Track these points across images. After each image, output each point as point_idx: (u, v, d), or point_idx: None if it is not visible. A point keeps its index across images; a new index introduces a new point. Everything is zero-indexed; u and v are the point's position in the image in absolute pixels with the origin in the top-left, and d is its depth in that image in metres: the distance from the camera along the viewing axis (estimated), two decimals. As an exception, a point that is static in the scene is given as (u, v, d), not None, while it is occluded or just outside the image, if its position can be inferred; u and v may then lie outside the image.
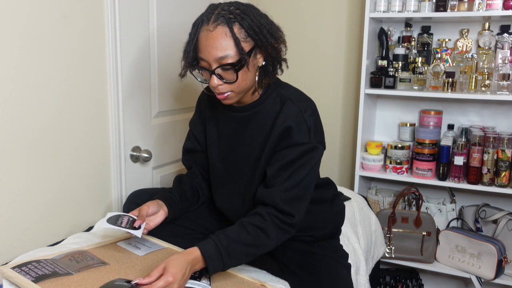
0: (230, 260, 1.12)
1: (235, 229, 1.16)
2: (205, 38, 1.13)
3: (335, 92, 2.49)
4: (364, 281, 1.59)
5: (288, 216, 1.19)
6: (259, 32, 1.15)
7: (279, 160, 1.21)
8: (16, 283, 1.09)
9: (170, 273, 1.03)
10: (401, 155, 2.21)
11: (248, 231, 1.15)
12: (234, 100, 1.23)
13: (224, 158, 1.36)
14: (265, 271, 1.36)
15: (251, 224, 1.16)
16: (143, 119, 1.78)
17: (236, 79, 1.16)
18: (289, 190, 1.19)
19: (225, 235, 1.14)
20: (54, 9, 1.39)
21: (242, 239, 1.14)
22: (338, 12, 2.42)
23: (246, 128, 1.30)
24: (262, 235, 1.16)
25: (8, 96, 1.29)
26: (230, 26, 1.12)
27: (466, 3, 2.03)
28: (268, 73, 1.23)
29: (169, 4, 1.82)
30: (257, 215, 1.18)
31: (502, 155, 1.99)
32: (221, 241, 1.12)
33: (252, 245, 1.15)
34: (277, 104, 1.26)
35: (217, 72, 1.15)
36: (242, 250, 1.14)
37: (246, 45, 1.14)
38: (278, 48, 1.20)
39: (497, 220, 2.12)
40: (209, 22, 1.13)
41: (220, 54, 1.12)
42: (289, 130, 1.21)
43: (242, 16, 1.13)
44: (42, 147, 1.41)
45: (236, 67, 1.14)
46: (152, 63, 1.79)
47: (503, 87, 1.99)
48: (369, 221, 1.93)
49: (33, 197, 1.40)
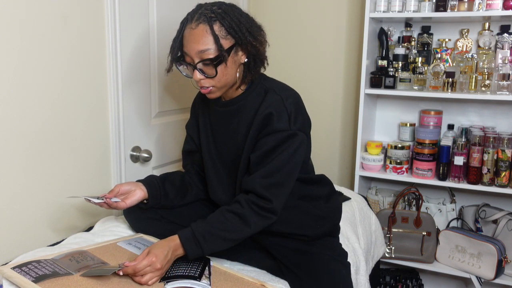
0: (207, 244, 1.19)
1: (214, 216, 1.23)
2: (188, 35, 1.23)
3: (335, 92, 2.48)
4: (364, 281, 1.59)
5: (265, 201, 1.23)
6: (238, 30, 1.22)
7: (261, 148, 1.27)
8: (16, 283, 1.09)
9: (153, 254, 1.13)
10: (401, 155, 2.21)
11: (226, 218, 1.22)
12: (217, 94, 1.30)
13: (218, 154, 1.41)
14: (265, 271, 1.36)
15: (229, 211, 1.23)
16: (143, 119, 1.78)
17: (216, 74, 1.23)
18: (268, 177, 1.24)
19: (203, 222, 1.21)
20: (54, 9, 1.39)
21: (219, 225, 1.21)
22: (338, 12, 2.42)
23: (232, 121, 1.36)
24: (239, 221, 1.22)
25: (8, 96, 1.29)
26: (210, 24, 1.20)
27: (466, 3, 2.03)
28: (251, 69, 1.30)
29: (169, 4, 1.82)
30: (236, 202, 1.25)
31: (502, 155, 1.99)
32: (198, 227, 1.20)
33: (229, 231, 1.21)
34: (260, 95, 1.32)
35: (198, 67, 1.24)
36: (219, 235, 1.20)
37: (226, 42, 1.22)
38: (256, 46, 1.27)
39: (497, 220, 2.12)
40: (193, 20, 1.22)
41: (200, 48, 1.21)
42: (269, 116, 1.26)
43: (222, 15, 1.22)
44: (42, 147, 1.41)
45: (215, 62, 1.22)
46: (152, 63, 1.79)
47: (503, 87, 1.99)
48: (369, 221, 1.93)
49: (33, 197, 1.40)
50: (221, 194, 1.42)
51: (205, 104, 1.46)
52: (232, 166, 1.38)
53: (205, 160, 1.44)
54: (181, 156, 1.58)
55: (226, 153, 1.39)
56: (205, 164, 1.45)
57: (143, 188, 1.38)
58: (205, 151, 1.44)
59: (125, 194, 1.36)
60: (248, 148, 1.30)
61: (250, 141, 1.30)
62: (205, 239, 1.19)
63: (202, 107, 1.47)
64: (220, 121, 1.39)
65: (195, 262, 1.23)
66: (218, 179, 1.42)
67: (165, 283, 1.13)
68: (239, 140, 1.34)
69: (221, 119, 1.39)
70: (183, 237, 1.19)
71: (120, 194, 1.36)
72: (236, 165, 1.35)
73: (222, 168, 1.41)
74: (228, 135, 1.37)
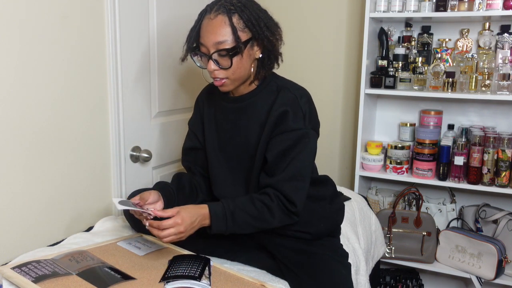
0: (233, 224, 1.22)
1: (245, 200, 1.25)
2: (206, 25, 1.24)
3: (335, 92, 2.48)
4: (364, 281, 1.59)
5: (292, 205, 1.26)
6: (257, 24, 1.24)
7: (277, 146, 1.28)
8: (16, 283, 1.09)
9: (181, 217, 1.14)
10: (401, 155, 2.21)
11: (255, 205, 1.24)
12: (229, 87, 1.30)
13: (223, 150, 1.40)
14: (265, 271, 1.36)
15: (259, 200, 1.25)
16: (143, 119, 1.78)
17: (231, 65, 1.23)
18: (293, 180, 1.26)
19: (234, 202, 1.24)
20: (54, 9, 1.39)
21: (248, 210, 1.23)
22: (338, 12, 2.42)
23: (243, 117, 1.36)
24: (267, 212, 1.24)
25: (8, 96, 1.29)
26: (229, 16, 1.21)
27: (466, 3, 2.02)
28: (265, 65, 1.31)
29: (169, 4, 1.82)
30: (266, 194, 1.26)
31: (502, 155, 1.99)
32: (229, 205, 1.22)
33: (256, 218, 1.24)
34: (273, 93, 1.33)
35: (214, 57, 1.24)
36: (246, 220, 1.23)
37: (243, 35, 1.23)
38: (273, 42, 1.28)
39: (497, 220, 2.12)
40: (212, 11, 1.23)
41: (217, 39, 1.21)
42: (285, 114, 1.27)
43: (242, 8, 1.23)
44: (42, 147, 1.41)
45: (231, 53, 1.22)
46: (152, 63, 1.79)
47: (503, 87, 1.99)
48: (369, 221, 1.93)
49: (33, 197, 1.40)
50: (226, 191, 1.42)
51: (210, 100, 1.46)
52: (239, 162, 1.38)
53: (210, 156, 1.44)
54: (181, 156, 1.57)
55: (233, 149, 1.38)
56: (209, 160, 1.45)
57: (162, 200, 1.32)
58: (210, 147, 1.43)
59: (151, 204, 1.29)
60: (263, 146, 1.31)
61: (266, 139, 1.30)
62: (233, 219, 1.21)
63: (207, 103, 1.46)
64: (228, 116, 1.39)
65: (195, 262, 1.23)
66: (223, 176, 1.42)
67: (165, 283, 1.13)
68: (250, 137, 1.34)
69: (228, 115, 1.39)
70: (213, 210, 1.20)
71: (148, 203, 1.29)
72: (250, 163, 1.35)
73: (227, 164, 1.40)
74: (236, 131, 1.37)
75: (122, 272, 1.18)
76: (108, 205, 1.70)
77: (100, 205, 1.67)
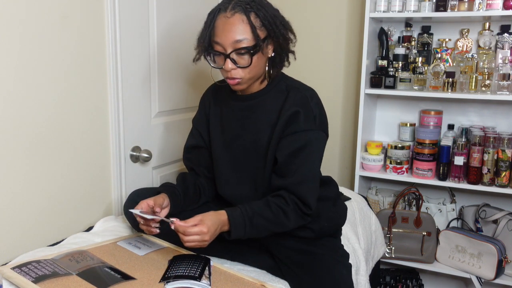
0: (251, 229, 1.22)
1: (261, 205, 1.25)
2: (223, 24, 1.21)
3: (335, 92, 2.48)
4: (364, 281, 1.59)
5: (307, 207, 1.27)
6: (273, 22, 1.24)
7: (288, 147, 1.28)
8: (16, 283, 1.09)
9: (206, 225, 1.14)
10: (401, 155, 2.21)
11: (272, 210, 1.24)
12: (244, 86, 1.29)
13: (229, 148, 1.39)
14: (265, 271, 1.36)
15: (275, 204, 1.25)
16: (143, 119, 1.78)
17: (250, 64, 1.23)
18: (307, 182, 1.27)
19: (251, 208, 1.23)
20: (54, 9, 1.39)
21: (265, 215, 1.24)
22: (338, 12, 2.42)
23: (251, 116, 1.35)
24: (283, 216, 1.25)
25: (8, 96, 1.29)
26: (247, 14, 1.20)
27: (466, 3, 2.02)
28: (276, 64, 1.31)
29: (169, 4, 1.82)
30: (281, 197, 1.27)
31: (502, 155, 1.99)
32: (247, 211, 1.22)
33: (272, 222, 1.25)
34: (282, 92, 1.33)
35: (231, 57, 1.22)
36: (263, 224, 1.24)
37: (261, 33, 1.23)
38: (289, 39, 1.29)
39: (497, 220, 2.12)
40: (227, 10, 1.21)
41: (237, 37, 1.20)
42: (296, 114, 1.27)
43: (258, 7, 1.22)
44: (42, 147, 1.41)
45: (251, 51, 1.21)
46: (152, 63, 1.79)
47: (503, 87, 1.99)
48: (369, 221, 1.93)
49: (33, 197, 1.40)
50: (231, 190, 1.41)
51: (217, 98, 1.45)
52: (245, 161, 1.37)
53: (215, 154, 1.43)
54: (181, 156, 1.56)
55: (239, 148, 1.37)
56: (214, 158, 1.44)
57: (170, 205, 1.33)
58: (215, 145, 1.42)
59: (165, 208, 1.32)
60: (274, 147, 1.31)
61: (276, 138, 1.30)
62: (252, 224, 1.21)
63: (213, 102, 1.45)
64: (235, 115, 1.38)
65: (195, 262, 1.23)
66: (228, 174, 1.41)
67: (165, 283, 1.13)
68: (259, 137, 1.33)
69: (236, 113, 1.38)
70: (231, 216, 1.20)
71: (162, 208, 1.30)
72: (260, 163, 1.34)
73: (233, 163, 1.39)
74: (243, 129, 1.36)
75: (122, 272, 1.18)
76: (108, 205, 1.70)
77: (100, 205, 1.67)
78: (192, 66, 1.97)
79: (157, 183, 1.90)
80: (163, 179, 1.93)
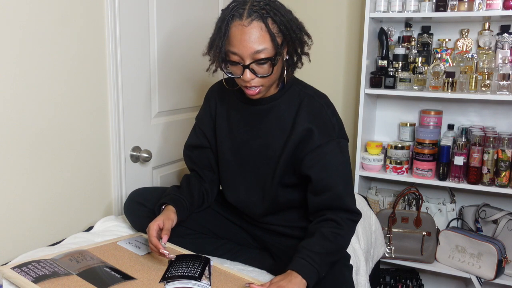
0: (322, 270, 1.16)
1: (319, 242, 1.18)
2: (240, 33, 1.12)
3: (335, 92, 2.48)
4: (364, 281, 1.59)
5: (356, 214, 1.27)
6: (289, 27, 1.16)
7: (318, 162, 1.23)
8: (16, 283, 1.09)
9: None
10: (401, 155, 2.21)
11: (331, 241, 1.19)
12: (262, 94, 1.24)
13: (237, 151, 1.35)
14: (265, 271, 1.36)
15: (331, 233, 1.20)
16: (143, 119, 1.78)
17: (271, 73, 1.17)
18: (346, 192, 1.25)
19: (314, 252, 1.16)
20: (54, 9, 1.39)
21: (328, 250, 1.18)
22: (338, 12, 2.42)
23: (263, 121, 1.30)
24: (341, 239, 1.23)
25: (8, 96, 1.29)
26: (265, 22, 1.12)
27: (466, 3, 2.03)
28: (289, 67, 1.26)
29: (169, 4, 1.82)
30: (332, 221, 1.22)
31: (502, 155, 1.99)
32: (314, 260, 1.14)
33: (336, 252, 1.22)
34: (295, 98, 1.28)
35: (251, 67, 1.15)
36: (330, 260, 1.20)
37: (279, 40, 1.16)
38: (305, 42, 1.22)
39: (497, 220, 2.12)
40: (242, 17, 1.12)
41: (257, 48, 1.12)
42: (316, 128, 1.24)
43: (274, 11, 1.14)
44: (42, 147, 1.41)
45: (273, 62, 1.15)
46: (152, 63, 1.79)
47: (503, 87, 1.99)
48: (369, 221, 1.93)
49: (33, 197, 1.40)
50: (240, 197, 1.38)
51: (223, 97, 1.39)
52: (254, 167, 1.33)
53: (222, 159, 1.39)
54: (181, 156, 1.55)
55: (248, 153, 1.33)
56: (221, 163, 1.40)
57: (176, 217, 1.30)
58: (223, 149, 1.38)
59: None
60: (287, 156, 1.27)
61: (291, 150, 1.26)
62: (321, 267, 1.15)
63: (220, 100, 1.39)
64: (245, 118, 1.33)
65: (195, 262, 1.23)
66: (235, 180, 1.38)
67: (165, 283, 1.13)
68: (271, 143, 1.29)
69: (246, 116, 1.33)
70: (304, 273, 1.12)
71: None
72: (269, 170, 1.31)
73: (241, 168, 1.35)
74: (252, 135, 1.32)
75: (122, 272, 1.18)
76: (108, 205, 1.70)
77: (100, 205, 1.67)
78: (193, 66, 1.97)
79: (157, 183, 1.90)
80: (163, 179, 1.93)
